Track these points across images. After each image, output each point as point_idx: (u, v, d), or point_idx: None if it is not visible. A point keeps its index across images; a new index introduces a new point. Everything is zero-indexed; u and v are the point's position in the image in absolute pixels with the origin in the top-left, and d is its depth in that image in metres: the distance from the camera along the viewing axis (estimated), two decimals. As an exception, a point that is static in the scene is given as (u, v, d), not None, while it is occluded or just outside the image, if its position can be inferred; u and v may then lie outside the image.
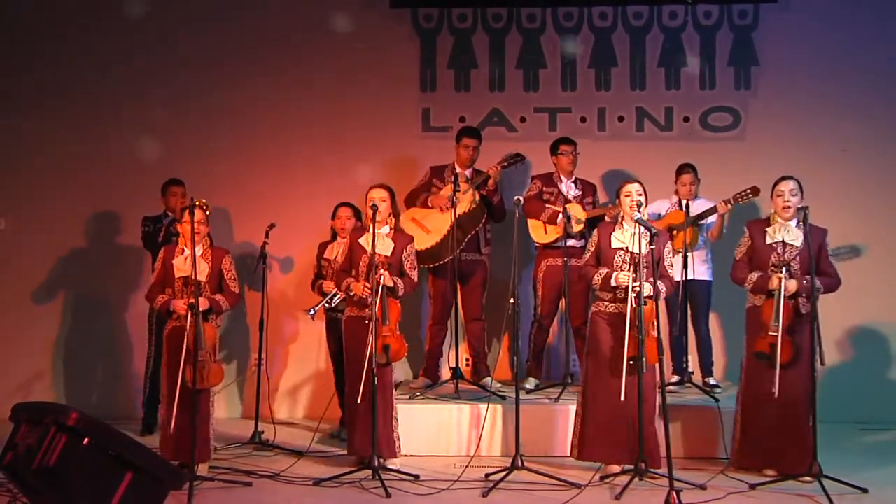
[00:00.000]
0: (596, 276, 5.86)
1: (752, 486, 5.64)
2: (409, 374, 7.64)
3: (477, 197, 7.05)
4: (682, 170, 7.05)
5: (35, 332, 7.91)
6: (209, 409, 5.96)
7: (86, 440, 4.33)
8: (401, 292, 6.05)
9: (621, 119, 7.91)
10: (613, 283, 5.77)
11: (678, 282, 6.35)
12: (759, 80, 7.84)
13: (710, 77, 7.87)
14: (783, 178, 5.91)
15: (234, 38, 7.98)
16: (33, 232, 7.91)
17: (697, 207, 6.91)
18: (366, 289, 5.92)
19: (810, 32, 7.79)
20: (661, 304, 5.99)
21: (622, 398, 5.58)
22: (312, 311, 6.77)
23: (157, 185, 7.32)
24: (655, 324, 5.65)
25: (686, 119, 7.88)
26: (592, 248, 5.97)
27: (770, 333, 5.72)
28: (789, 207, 5.82)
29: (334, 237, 7.01)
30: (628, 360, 5.60)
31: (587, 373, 5.93)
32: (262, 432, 6.79)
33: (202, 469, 5.80)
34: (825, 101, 7.75)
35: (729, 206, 6.73)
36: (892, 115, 7.74)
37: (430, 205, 7.12)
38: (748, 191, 6.67)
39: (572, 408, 6.47)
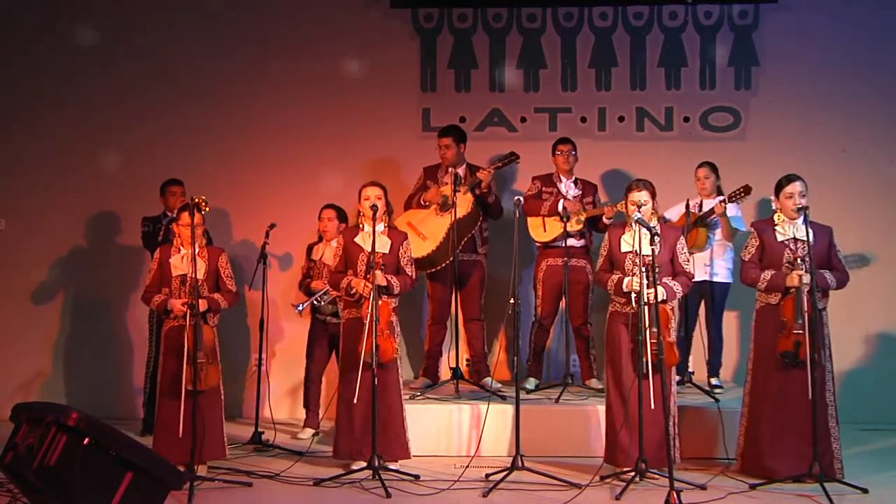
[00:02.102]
0: (609, 283, 5.87)
1: (753, 486, 5.64)
2: (410, 374, 7.63)
3: (472, 199, 7.03)
4: (698, 166, 7.06)
5: (35, 332, 7.91)
6: (220, 409, 6.00)
7: (86, 440, 4.33)
8: (397, 290, 6.03)
9: (621, 119, 7.92)
10: (625, 289, 5.75)
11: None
12: (759, 80, 7.85)
13: (710, 77, 7.87)
14: (792, 179, 5.83)
15: (234, 38, 7.98)
16: (33, 232, 7.91)
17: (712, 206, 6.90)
18: (367, 286, 5.90)
19: (810, 32, 7.80)
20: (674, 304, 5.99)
21: (651, 404, 5.55)
22: (301, 307, 6.83)
23: (156, 186, 7.32)
24: (671, 326, 5.69)
25: (686, 119, 7.88)
26: (605, 253, 5.97)
27: (795, 332, 5.64)
28: (797, 208, 5.78)
29: (321, 238, 7.07)
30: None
31: (607, 375, 5.89)
32: (262, 433, 6.79)
33: (202, 469, 5.79)
34: (825, 101, 7.75)
35: (724, 205, 6.74)
36: (893, 115, 7.75)
37: (423, 202, 7.12)
38: (740, 190, 6.68)
39: (574, 408, 6.50)
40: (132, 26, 7.98)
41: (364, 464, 5.87)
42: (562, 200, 7.00)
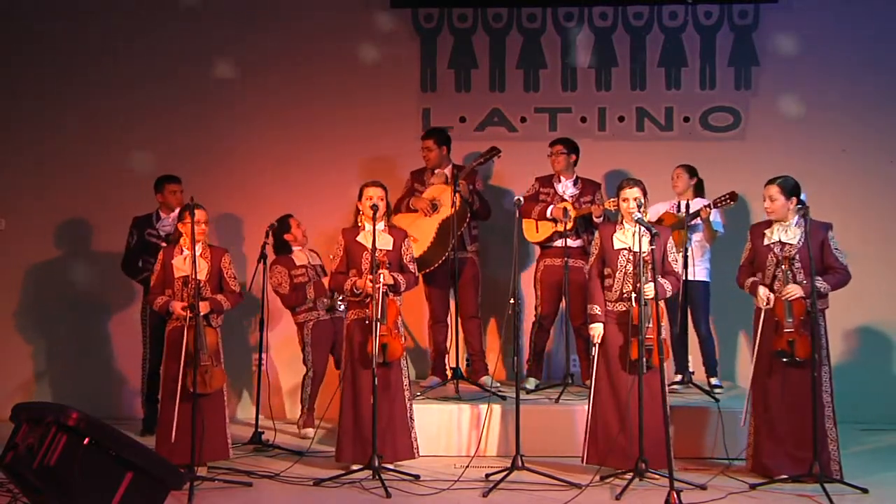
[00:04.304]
0: (588, 295, 5.97)
1: (753, 486, 5.64)
2: (413, 374, 7.62)
3: (458, 198, 7.02)
4: (675, 168, 7.09)
5: (35, 331, 7.92)
6: (224, 409, 6.03)
7: (86, 440, 4.33)
8: (403, 288, 6.05)
9: (621, 119, 7.91)
10: (589, 312, 5.89)
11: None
12: (759, 80, 7.84)
13: (711, 77, 7.87)
14: (767, 182, 5.90)
15: (234, 38, 7.97)
16: (34, 232, 7.91)
17: (695, 207, 6.91)
18: (370, 283, 5.87)
19: (810, 32, 7.79)
20: (662, 303, 5.99)
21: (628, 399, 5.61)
22: (342, 307, 6.86)
23: (156, 186, 7.34)
24: (663, 325, 5.69)
25: (686, 119, 7.88)
26: (596, 251, 5.99)
27: (786, 331, 5.68)
28: (771, 213, 5.85)
29: (285, 250, 7.08)
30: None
31: (597, 374, 5.90)
32: (263, 432, 6.79)
33: (202, 469, 5.80)
34: (825, 100, 7.75)
35: (709, 210, 6.76)
36: (893, 115, 7.74)
37: (412, 207, 7.12)
38: (726, 197, 6.70)
39: (574, 408, 6.49)
40: (132, 26, 7.97)
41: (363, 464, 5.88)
42: (551, 207, 7.01)
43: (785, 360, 5.69)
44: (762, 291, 5.78)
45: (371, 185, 6.08)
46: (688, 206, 6.94)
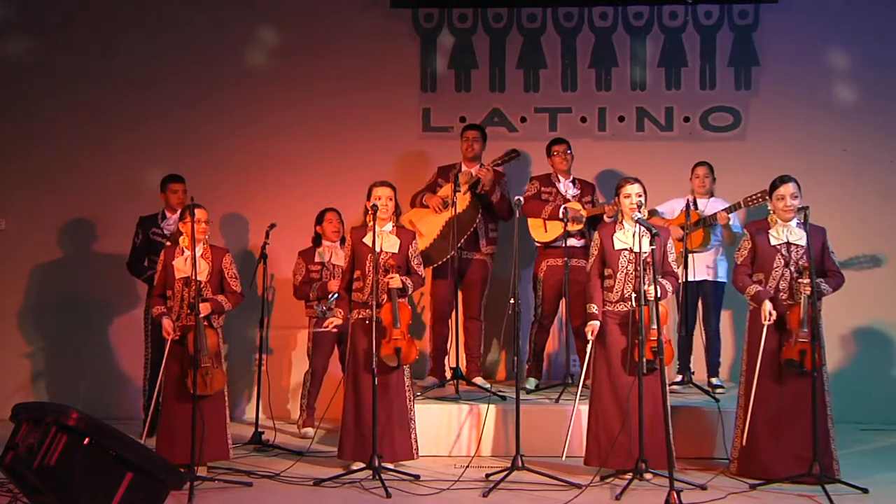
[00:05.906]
0: (587, 297, 5.91)
1: (753, 486, 5.64)
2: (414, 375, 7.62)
3: (469, 197, 7.02)
4: (697, 164, 7.08)
5: (36, 331, 7.92)
6: (224, 410, 6.03)
7: (86, 440, 4.33)
8: (411, 290, 6.06)
9: (621, 119, 7.92)
10: (589, 318, 5.85)
11: (681, 283, 6.39)
12: (760, 80, 7.85)
13: (711, 77, 7.87)
14: (784, 181, 5.83)
15: (233, 38, 7.98)
16: (34, 233, 7.91)
17: (712, 206, 6.91)
18: (332, 322, 6.06)
19: (810, 32, 7.80)
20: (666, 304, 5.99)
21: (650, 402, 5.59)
22: (332, 298, 6.85)
23: (157, 186, 7.32)
24: (665, 325, 5.69)
25: (686, 119, 7.88)
26: (596, 252, 5.94)
27: (800, 340, 5.62)
28: (791, 210, 5.81)
29: (318, 243, 7.14)
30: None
31: (598, 375, 5.88)
32: (263, 433, 6.79)
33: (202, 469, 5.80)
34: (825, 100, 7.76)
35: (728, 215, 6.75)
36: (893, 115, 7.75)
37: (424, 203, 7.13)
38: (758, 195, 6.61)
39: (576, 408, 6.48)
40: (132, 27, 7.98)
41: (363, 464, 5.88)
42: (563, 206, 7.00)
43: (794, 370, 5.64)
44: (768, 307, 5.72)
45: (379, 186, 6.08)
46: (696, 203, 6.92)
